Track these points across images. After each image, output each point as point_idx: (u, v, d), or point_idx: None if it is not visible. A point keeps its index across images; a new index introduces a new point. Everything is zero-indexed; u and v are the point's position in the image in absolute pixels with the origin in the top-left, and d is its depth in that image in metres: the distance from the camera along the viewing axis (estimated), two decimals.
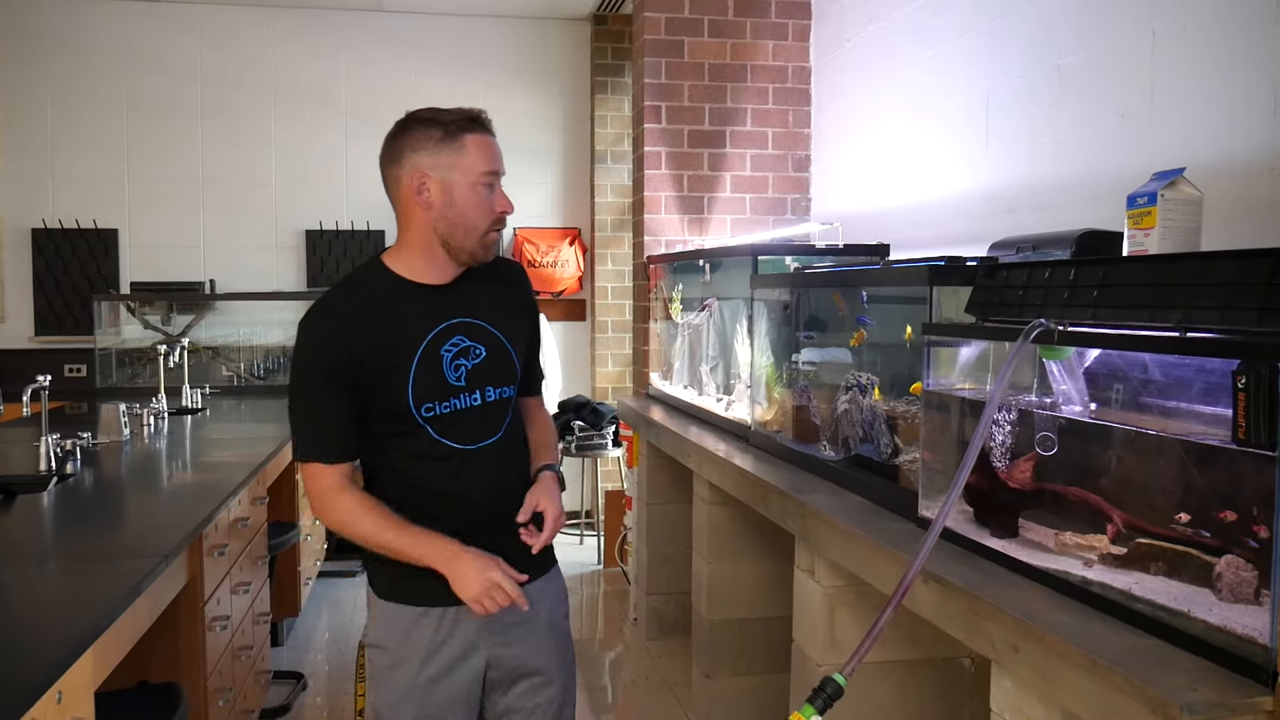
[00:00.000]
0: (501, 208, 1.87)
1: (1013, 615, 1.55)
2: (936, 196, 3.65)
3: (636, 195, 4.97)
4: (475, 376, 1.89)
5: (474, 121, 1.85)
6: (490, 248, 1.90)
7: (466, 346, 1.89)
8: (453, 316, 1.89)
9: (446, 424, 1.87)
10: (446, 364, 1.86)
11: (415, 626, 1.90)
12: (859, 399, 2.54)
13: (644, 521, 4.41)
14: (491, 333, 1.93)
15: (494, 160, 1.85)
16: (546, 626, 2.03)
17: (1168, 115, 2.54)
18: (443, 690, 1.93)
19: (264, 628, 3.37)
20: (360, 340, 1.81)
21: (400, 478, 1.89)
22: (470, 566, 1.80)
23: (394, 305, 1.86)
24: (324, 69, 6.18)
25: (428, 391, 1.85)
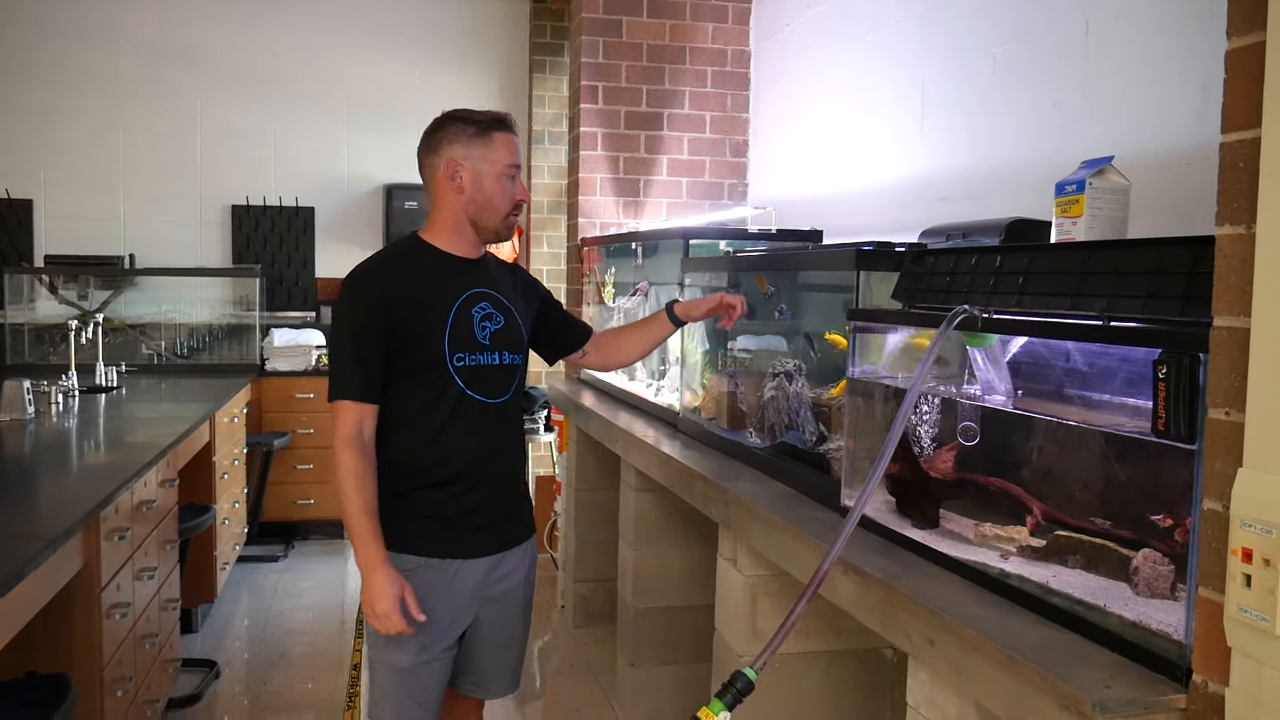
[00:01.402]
0: (520, 196, 2.16)
1: (928, 607, 1.51)
2: (871, 183, 3.62)
3: (572, 176, 4.89)
4: (497, 339, 2.15)
5: (501, 122, 2.14)
6: (510, 228, 2.19)
7: (490, 312, 2.15)
8: (480, 286, 2.17)
9: (473, 376, 2.11)
10: (475, 323, 2.13)
11: (416, 575, 2.08)
12: (785, 385, 2.49)
13: (572, 508, 4.34)
14: (507, 306, 2.20)
15: (516, 155, 2.15)
16: (523, 593, 2.30)
17: (1099, 106, 2.53)
18: (441, 638, 2.13)
19: (172, 615, 3.25)
20: (402, 297, 2.07)
21: (429, 425, 2.09)
22: (381, 586, 1.99)
23: (432, 269, 2.13)
24: (254, 42, 5.98)
25: (460, 344, 2.09)
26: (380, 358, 2.06)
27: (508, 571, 2.23)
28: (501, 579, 2.22)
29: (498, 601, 2.23)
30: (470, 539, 2.15)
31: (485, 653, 2.27)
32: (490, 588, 2.20)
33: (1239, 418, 1.12)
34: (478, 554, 2.16)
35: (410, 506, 2.12)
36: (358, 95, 6.10)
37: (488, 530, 2.17)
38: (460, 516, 2.13)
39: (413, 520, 2.11)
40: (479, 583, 2.17)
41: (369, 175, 6.09)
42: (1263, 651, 1.03)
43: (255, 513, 5.29)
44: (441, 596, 2.12)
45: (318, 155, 6.07)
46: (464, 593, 2.15)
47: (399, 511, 2.10)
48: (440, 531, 2.12)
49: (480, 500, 2.15)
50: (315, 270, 6.09)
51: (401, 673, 2.13)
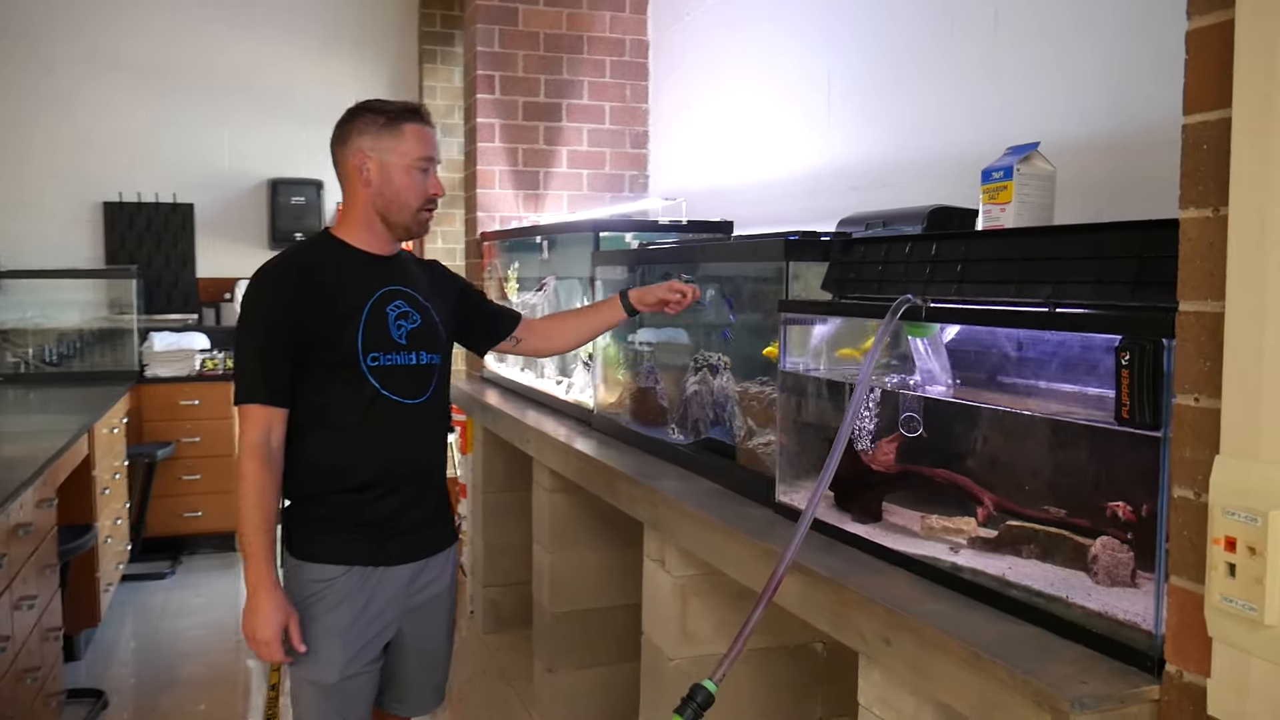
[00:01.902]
0: (434, 190, 2.08)
1: (885, 606, 1.47)
2: (779, 173, 3.60)
3: (469, 169, 4.75)
4: (413, 338, 2.07)
5: (413, 112, 2.05)
6: (424, 224, 2.10)
7: (406, 310, 2.08)
8: (395, 284, 2.08)
9: (387, 376, 2.03)
10: (391, 321, 2.05)
11: (336, 584, 2.01)
12: (709, 380, 2.44)
13: (479, 511, 4.22)
14: (424, 304, 2.12)
15: (429, 148, 2.05)
16: (447, 601, 2.22)
17: (1009, 93, 2.54)
18: (366, 650, 2.05)
19: (55, 644, 3.01)
20: (312, 295, 1.98)
21: (344, 427, 2.01)
22: (267, 612, 1.92)
23: (343, 266, 2.04)
24: (127, 29, 5.63)
25: (374, 343, 2.01)
26: (289, 359, 1.97)
27: (430, 579, 2.16)
28: (424, 587, 2.14)
29: (421, 611, 2.15)
30: (391, 545, 2.07)
31: (410, 666, 2.19)
32: (413, 596, 2.12)
33: (1211, 404, 1.10)
34: (400, 560, 2.08)
35: (327, 512, 2.03)
36: (239, 85, 5.81)
37: (409, 535, 2.10)
38: (380, 521, 2.05)
39: (330, 526, 2.03)
40: (402, 591, 2.09)
41: (252, 169, 5.81)
42: (1249, 641, 1.01)
43: (138, 529, 5.00)
44: (364, 607, 2.03)
45: (197, 148, 5.76)
46: (387, 602, 2.07)
47: (315, 518, 2.04)
48: (360, 538, 2.04)
49: (400, 504, 2.07)
50: (196, 270, 5.79)
51: (326, 690, 2.02)
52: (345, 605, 2.01)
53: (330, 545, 2.03)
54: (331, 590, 2.01)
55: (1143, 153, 2.19)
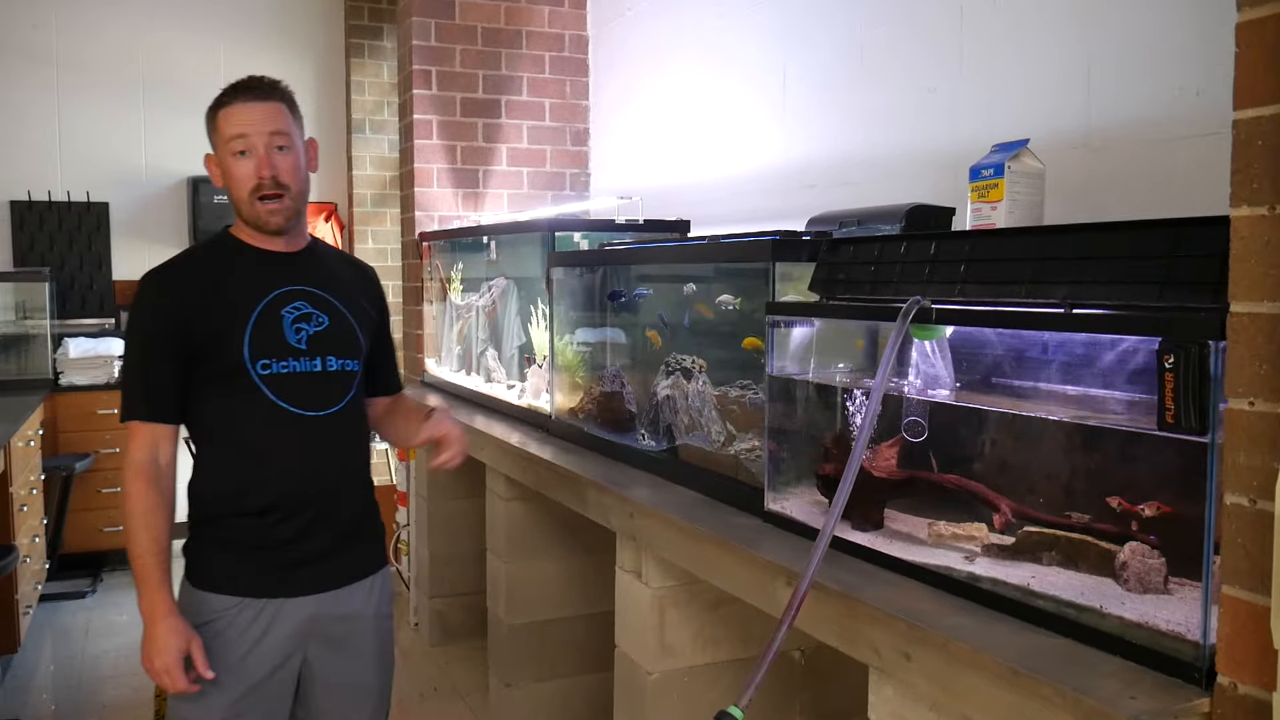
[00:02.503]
0: (261, 173, 1.83)
1: (905, 620, 1.41)
2: (730, 172, 3.54)
3: (405, 167, 4.60)
4: (317, 343, 1.89)
5: (232, 91, 1.87)
6: (268, 216, 1.87)
7: (309, 313, 1.90)
8: (295, 283, 1.91)
9: (284, 385, 1.86)
10: (287, 325, 1.87)
11: (227, 618, 1.84)
12: (683, 384, 2.37)
13: (424, 520, 4.09)
14: (335, 305, 1.95)
15: (240, 125, 1.83)
16: (374, 631, 2.01)
17: (977, 90, 2.52)
18: (256, 690, 1.87)
19: None
20: (197, 298, 1.84)
21: (239, 449, 1.86)
22: (163, 639, 1.76)
23: (235, 266, 1.89)
24: (34, 18, 5.33)
25: (264, 349, 1.85)
26: (174, 371, 1.83)
27: (349, 612, 1.95)
28: (341, 620, 1.93)
29: (339, 642, 1.95)
30: (294, 575, 1.87)
31: (329, 708, 1.98)
32: (325, 627, 1.92)
33: (1269, 408, 1.06)
34: (303, 591, 1.88)
35: (225, 535, 1.87)
36: (156, 79, 5.55)
37: (314, 564, 1.89)
38: (281, 548, 1.86)
39: (227, 553, 1.86)
40: (305, 624, 1.89)
41: (171, 167, 5.55)
42: None
43: (55, 545, 4.73)
44: (256, 643, 1.85)
45: (111, 145, 5.49)
46: (284, 638, 1.87)
47: (212, 541, 1.87)
48: (259, 567, 1.86)
49: (300, 529, 1.86)
50: (112, 272, 5.52)
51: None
52: (236, 642, 1.84)
53: (225, 574, 1.85)
54: (222, 623, 1.83)
55: (1113, 150, 2.18)
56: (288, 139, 1.86)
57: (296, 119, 1.93)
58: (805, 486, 1.94)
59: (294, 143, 1.89)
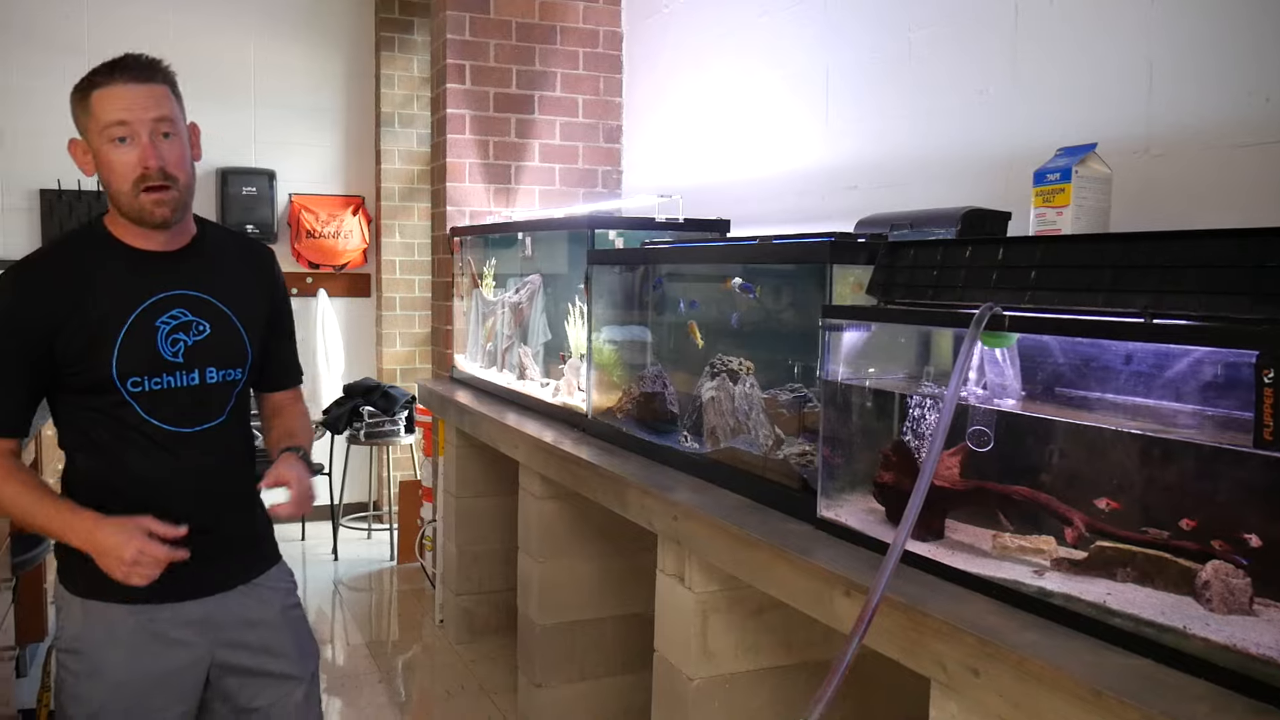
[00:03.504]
0: (144, 163, 1.66)
1: (975, 635, 1.38)
2: (769, 172, 3.51)
3: (436, 161, 4.58)
4: (195, 354, 1.77)
5: (108, 70, 1.70)
6: (153, 210, 1.70)
7: (188, 321, 1.77)
8: (174, 288, 1.77)
9: (156, 402, 1.74)
10: (162, 337, 1.74)
11: (119, 627, 1.74)
12: (728, 385, 2.33)
13: (451, 516, 4.06)
14: (220, 309, 1.81)
15: (120, 110, 1.67)
16: (285, 625, 1.93)
17: (1030, 92, 2.48)
18: (152, 699, 1.77)
19: (9, 665, 2.80)
20: (59, 304, 1.68)
21: (109, 462, 1.74)
22: (112, 537, 1.63)
23: (105, 269, 1.73)
24: (65, 9, 5.32)
25: (135, 364, 1.71)
26: (23, 379, 1.69)
27: (252, 617, 1.87)
28: (245, 624, 1.86)
29: (249, 647, 1.86)
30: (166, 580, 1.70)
31: (259, 704, 1.88)
32: (229, 631, 1.84)
33: None
34: (178, 597, 1.77)
35: None
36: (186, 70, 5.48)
37: (193, 573, 1.75)
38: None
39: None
40: (199, 627, 1.80)
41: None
42: None
43: None
44: (143, 646, 1.75)
45: None
46: (174, 641, 1.78)
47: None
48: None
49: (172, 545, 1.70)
50: None
51: None
52: (124, 649, 1.74)
53: (99, 581, 1.68)
54: (100, 629, 1.74)
55: (1175, 157, 2.14)
56: (173, 125, 1.72)
57: (179, 102, 1.78)
58: (859, 494, 1.91)
59: (179, 129, 1.74)
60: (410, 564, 5.14)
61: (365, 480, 5.93)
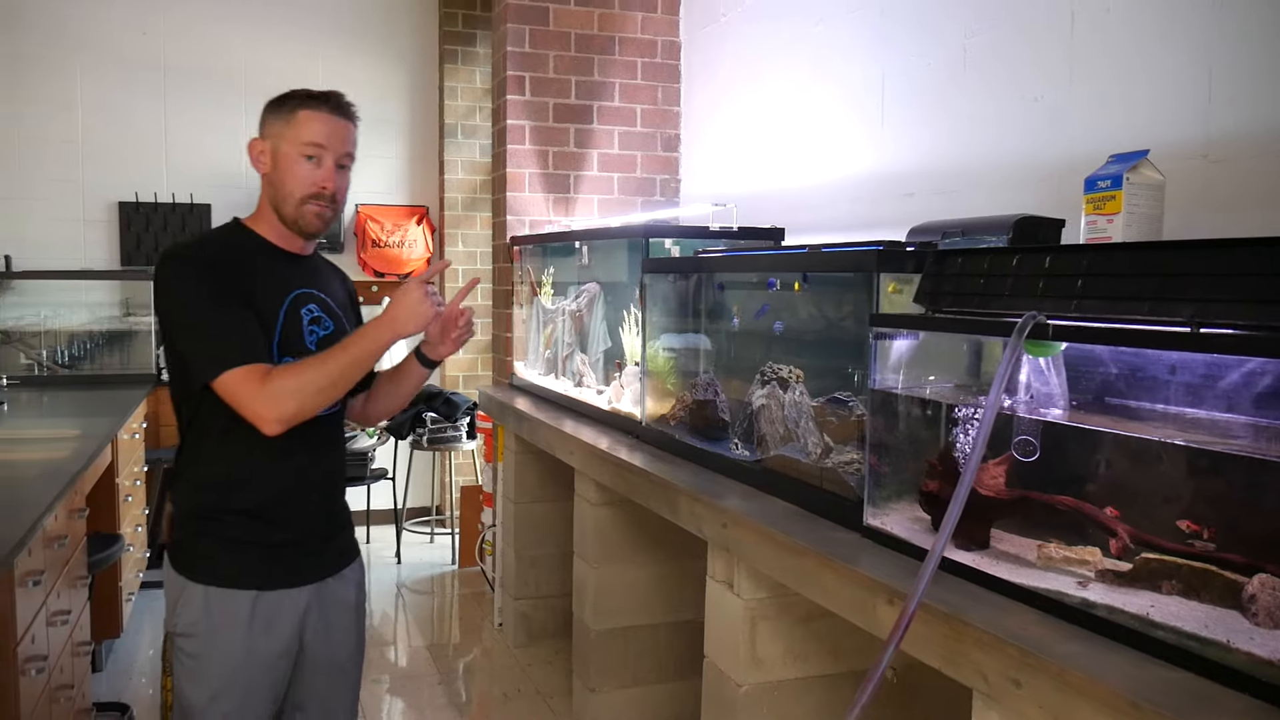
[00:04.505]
0: (321, 183, 1.88)
1: (1016, 645, 1.37)
2: (824, 180, 3.50)
3: (497, 172, 4.65)
4: (323, 345, 1.92)
5: (316, 98, 1.91)
6: (312, 220, 1.90)
7: (319, 316, 1.96)
8: (308, 286, 1.96)
9: None
10: (304, 324, 1.93)
11: (238, 612, 1.87)
12: (779, 393, 2.34)
13: (510, 521, 4.12)
14: (336, 313, 2.01)
15: (321, 135, 1.88)
16: (354, 617, 2.08)
17: (1086, 98, 2.45)
18: (262, 678, 1.91)
19: (85, 659, 2.91)
20: (231, 282, 1.83)
21: (252, 437, 1.81)
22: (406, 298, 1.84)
23: (260, 259, 1.91)
24: (142, 25, 5.52)
25: (289, 345, 1.89)
26: (247, 312, 1.81)
27: (338, 600, 2.03)
28: (332, 608, 2.01)
29: (328, 634, 2.00)
30: (292, 565, 1.92)
31: (314, 693, 2.02)
32: (318, 616, 1.98)
33: None
34: (301, 582, 1.94)
35: (220, 529, 1.88)
36: (255, 84, 5.69)
37: (313, 554, 1.97)
38: (279, 542, 1.91)
39: (226, 548, 1.88)
40: (303, 614, 1.95)
41: None
42: None
43: (154, 534, 4.90)
44: (261, 635, 1.88)
45: (213, 149, 5.65)
46: (286, 628, 1.92)
47: (207, 536, 1.88)
48: (259, 558, 1.89)
49: (299, 521, 1.93)
50: None
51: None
52: (238, 635, 1.86)
53: (225, 568, 1.86)
54: (219, 618, 1.86)
55: (1235, 163, 2.10)
56: (351, 161, 1.94)
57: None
58: (906, 502, 1.91)
59: (351, 165, 1.96)
60: (471, 568, 5.22)
61: (428, 485, 6.03)
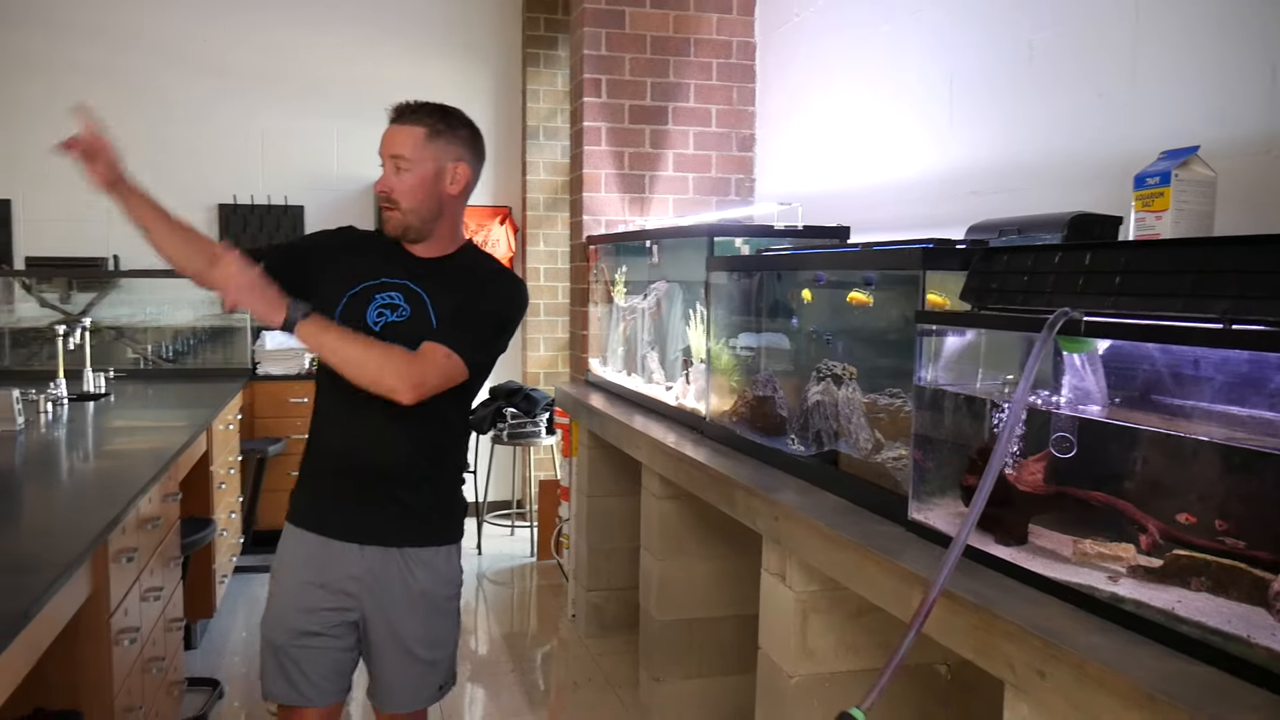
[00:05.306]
0: (378, 186, 2.08)
1: (1040, 637, 1.40)
2: (894, 178, 3.51)
3: (575, 172, 4.75)
4: (390, 330, 2.04)
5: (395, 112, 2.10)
6: (384, 222, 2.09)
7: (396, 303, 2.08)
8: (404, 278, 2.09)
9: None
10: (371, 306, 2.06)
11: (303, 550, 2.13)
12: (833, 390, 2.37)
13: (583, 514, 4.21)
14: (424, 303, 2.08)
15: (382, 143, 2.07)
16: (423, 604, 2.15)
17: (1150, 95, 2.43)
18: (312, 620, 2.10)
19: (177, 635, 3.09)
20: (341, 248, 2.16)
21: (323, 397, 2.15)
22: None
23: (370, 248, 2.15)
24: (233, 33, 5.78)
25: (349, 317, 2.04)
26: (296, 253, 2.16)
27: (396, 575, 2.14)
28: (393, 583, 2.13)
29: (384, 610, 2.14)
30: (326, 517, 2.13)
31: (379, 663, 2.19)
32: (374, 587, 2.12)
33: None
34: (335, 535, 2.12)
35: (301, 477, 2.21)
36: (346, 90, 5.92)
37: (348, 512, 2.12)
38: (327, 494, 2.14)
39: (299, 493, 2.20)
40: (357, 577, 2.11)
41: (359, 173, 5.91)
42: None
43: (249, 522, 5.13)
44: (317, 573, 2.11)
45: (307, 152, 5.89)
46: (338, 580, 2.11)
47: (297, 483, 2.21)
48: (309, 503, 2.16)
49: (348, 481, 2.11)
50: None
51: (275, 649, 2.15)
52: (291, 564, 2.14)
53: (306, 513, 2.16)
54: (283, 547, 2.18)
55: None
56: (408, 162, 2.03)
57: (438, 142, 2.06)
58: (950, 497, 1.93)
59: (415, 165, 2.04)
60: (548, 560, 5.34)
61: (509, 479, 6.18)
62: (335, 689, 2.16)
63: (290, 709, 2.15)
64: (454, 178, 2.09)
